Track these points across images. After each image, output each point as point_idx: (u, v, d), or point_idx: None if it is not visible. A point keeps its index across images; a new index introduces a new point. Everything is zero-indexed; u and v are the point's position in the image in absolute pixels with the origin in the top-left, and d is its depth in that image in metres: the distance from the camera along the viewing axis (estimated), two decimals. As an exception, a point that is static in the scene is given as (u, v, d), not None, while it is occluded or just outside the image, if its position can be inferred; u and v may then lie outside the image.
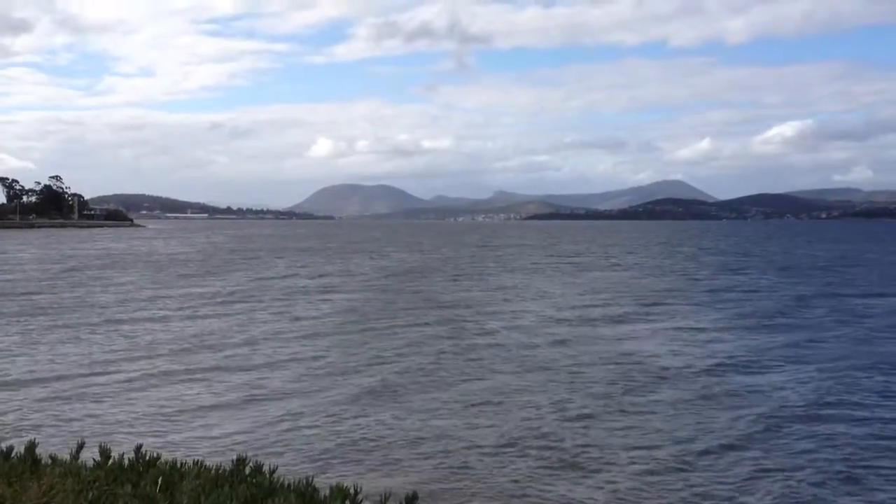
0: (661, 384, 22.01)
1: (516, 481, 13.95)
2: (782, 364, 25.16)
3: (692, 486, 13.86)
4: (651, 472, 14.43)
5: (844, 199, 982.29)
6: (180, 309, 38.91)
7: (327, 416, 18.25)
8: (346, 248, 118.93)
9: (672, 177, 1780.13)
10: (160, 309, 38.84)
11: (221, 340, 29.16)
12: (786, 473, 14.44)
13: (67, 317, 35.09)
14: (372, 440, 16.38)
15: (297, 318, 35.81)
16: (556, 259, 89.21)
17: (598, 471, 14.57)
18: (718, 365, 24.75)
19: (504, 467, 14.70)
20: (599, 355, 26.50)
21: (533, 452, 15.51)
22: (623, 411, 18.92)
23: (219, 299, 43.55)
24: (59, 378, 21.94)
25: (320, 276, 61.19)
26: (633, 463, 14.98)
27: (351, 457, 15.28)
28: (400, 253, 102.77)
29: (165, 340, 29.01)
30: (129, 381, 21.78)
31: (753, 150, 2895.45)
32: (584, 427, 17.44)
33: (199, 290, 49.04)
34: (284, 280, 56.62)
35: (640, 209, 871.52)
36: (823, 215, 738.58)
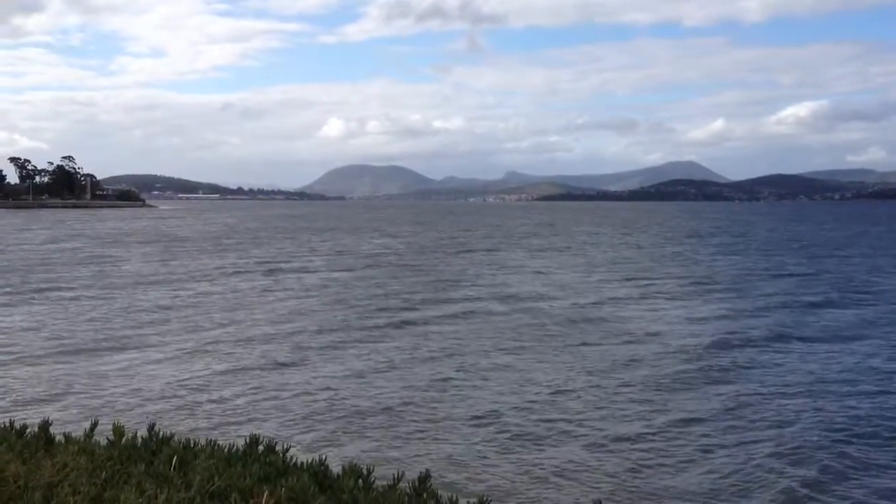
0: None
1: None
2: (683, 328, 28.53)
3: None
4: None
5: (858, 180, 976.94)
6: (172, 284, 39.82)
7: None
8: (356, 228, 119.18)
9: (684, 157, 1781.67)
10: (151, 285, 40.13)
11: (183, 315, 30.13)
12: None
13: (72, 294, 35.72)
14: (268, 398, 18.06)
15: (301, 293, 36.25)
16: (553, 239, 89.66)
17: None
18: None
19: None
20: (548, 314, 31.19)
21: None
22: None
23: (207, 277, 44.64)
24: (62, 353, 22.55)
25: (323, 253, 61.45)
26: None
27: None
28: (403, 233, 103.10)
29: (145, 313, 30.13)
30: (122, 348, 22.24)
31: (767, 131, 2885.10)
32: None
33: (202, 268, 49.99)
34: (290, 260, 56.93)
35: (652, 190, 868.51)
36: (837, 196, 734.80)
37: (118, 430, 5.39)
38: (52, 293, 36.23)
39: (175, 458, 4.93)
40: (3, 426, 5.82)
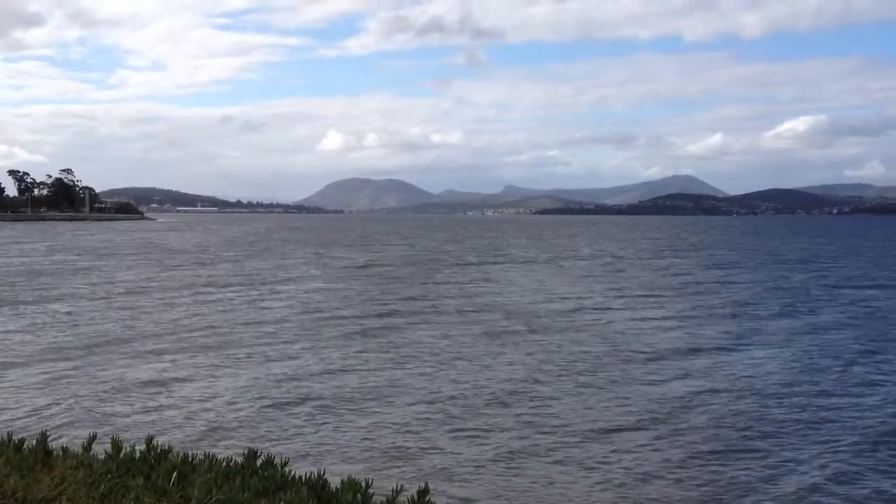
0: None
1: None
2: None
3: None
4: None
5: (856, 194, 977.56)
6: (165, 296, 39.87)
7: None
8: (349, 241, 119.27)
9: (683, 172, 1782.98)
10: (141, 295, 40.81)
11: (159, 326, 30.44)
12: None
13: (62, 304, 35.71)
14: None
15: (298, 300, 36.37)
16: (541, 253, 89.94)
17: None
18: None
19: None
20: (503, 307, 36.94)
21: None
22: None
23: (196, 290, 44.92)
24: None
25: (315, 265, 61.59)
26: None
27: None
28: (397, 245, 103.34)
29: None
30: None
31: (765, 146, 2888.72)
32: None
33: (186, 279, 50.78)
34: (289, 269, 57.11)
35: (650, 204, 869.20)
36: (835, 211, 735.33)
37: (116, 444, 5.37)
38: (44, 304, 36.46)
39: (174, 471, 4.91)
40: (0, 439, 5.81)
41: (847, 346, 27.07)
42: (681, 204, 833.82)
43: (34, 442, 5.62)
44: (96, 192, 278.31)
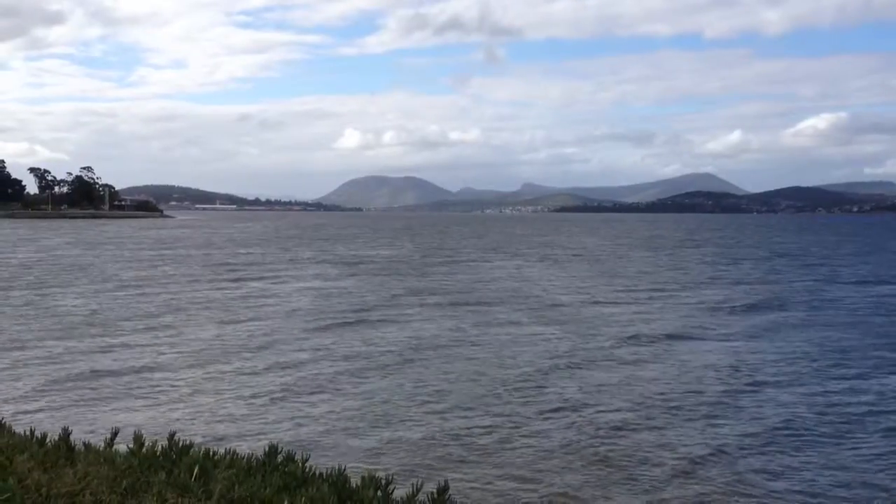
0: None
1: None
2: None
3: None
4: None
5: (877, 192, 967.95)
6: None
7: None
8: (367, 237, 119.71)
9: (702, 169, 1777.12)
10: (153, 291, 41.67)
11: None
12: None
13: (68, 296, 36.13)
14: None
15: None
16: (545, 250, 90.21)
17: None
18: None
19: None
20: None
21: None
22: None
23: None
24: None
25: (334, 262, 61.85)
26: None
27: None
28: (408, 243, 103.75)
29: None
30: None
31: (785, 143, 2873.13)
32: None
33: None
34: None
35: (669, 202, 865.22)
36: (855, 209, 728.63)
37: (138, 439, 5.39)
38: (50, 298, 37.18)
39: (196, 467, 4.93)
40: (24, 435, 5.86)
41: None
42: (700, 202, 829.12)
43: (56, 437, 5.66)
44: (116, 189, 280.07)
